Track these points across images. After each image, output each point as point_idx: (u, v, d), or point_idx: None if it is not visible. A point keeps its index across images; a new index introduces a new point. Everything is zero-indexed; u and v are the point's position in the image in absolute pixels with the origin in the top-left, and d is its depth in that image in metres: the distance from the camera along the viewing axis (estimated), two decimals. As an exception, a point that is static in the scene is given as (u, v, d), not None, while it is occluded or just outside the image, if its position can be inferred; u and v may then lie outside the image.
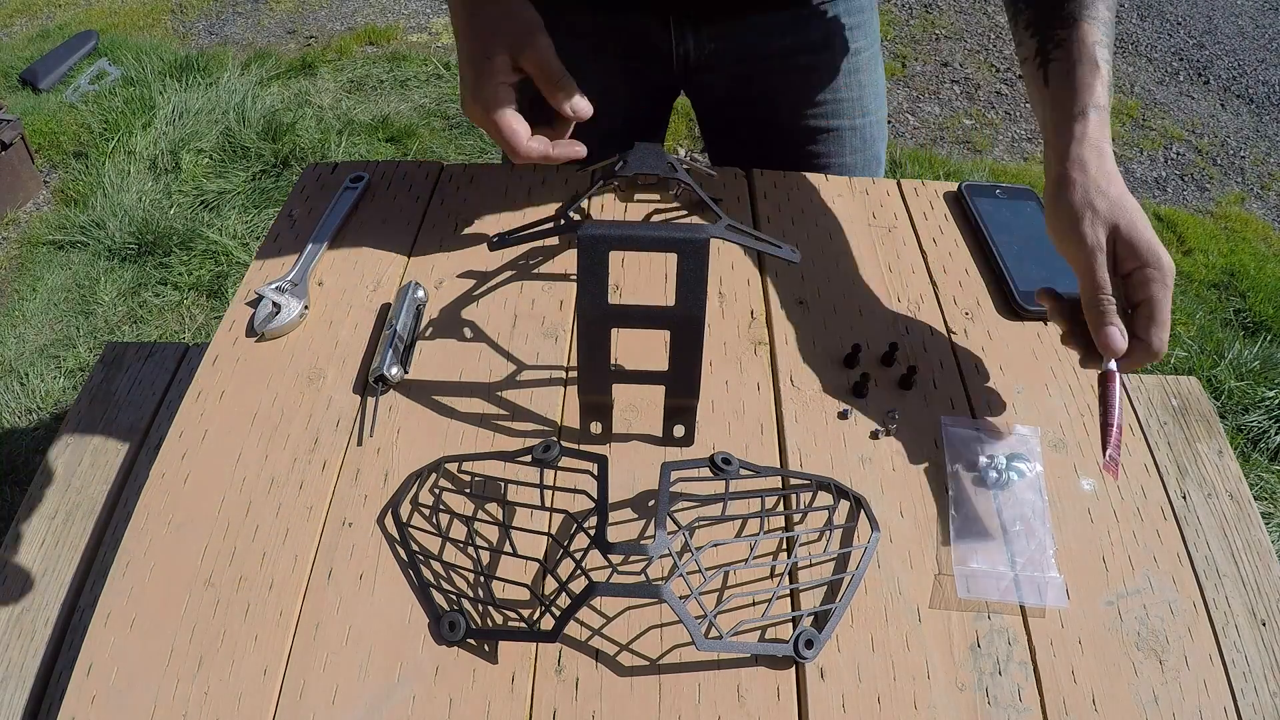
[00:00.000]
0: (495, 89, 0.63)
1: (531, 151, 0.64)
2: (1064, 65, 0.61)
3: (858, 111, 0.89)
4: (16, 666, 0.72)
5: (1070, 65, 0.60)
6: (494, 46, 0.63)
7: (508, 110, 0.63)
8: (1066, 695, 0.49)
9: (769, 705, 0.48)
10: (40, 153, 2.31)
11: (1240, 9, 3.19)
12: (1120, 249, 0.56)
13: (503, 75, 0.63)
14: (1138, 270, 0.55)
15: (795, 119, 0.89)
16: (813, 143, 0.90)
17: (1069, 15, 0.61)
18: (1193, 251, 2.22)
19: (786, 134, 0.90)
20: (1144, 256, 0.55)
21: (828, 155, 0.90)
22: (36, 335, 1.90)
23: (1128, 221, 0.55)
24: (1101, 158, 0.58)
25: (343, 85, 2.62)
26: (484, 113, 0.63)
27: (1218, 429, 0.66)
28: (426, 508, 0.56)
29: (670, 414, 0.59)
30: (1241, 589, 0.56)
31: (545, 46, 0.64)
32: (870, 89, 0.90)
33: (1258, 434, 1.75)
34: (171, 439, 0.59)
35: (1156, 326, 0.55)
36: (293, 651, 0.49)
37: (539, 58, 0.64)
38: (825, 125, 0.89)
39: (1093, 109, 0.59)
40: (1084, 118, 0.58)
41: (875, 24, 0.89)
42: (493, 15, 0.65)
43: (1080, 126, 0.58)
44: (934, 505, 0.57)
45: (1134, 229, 0.55)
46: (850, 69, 0.87)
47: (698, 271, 0.53)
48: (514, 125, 0.63)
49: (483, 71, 0.63)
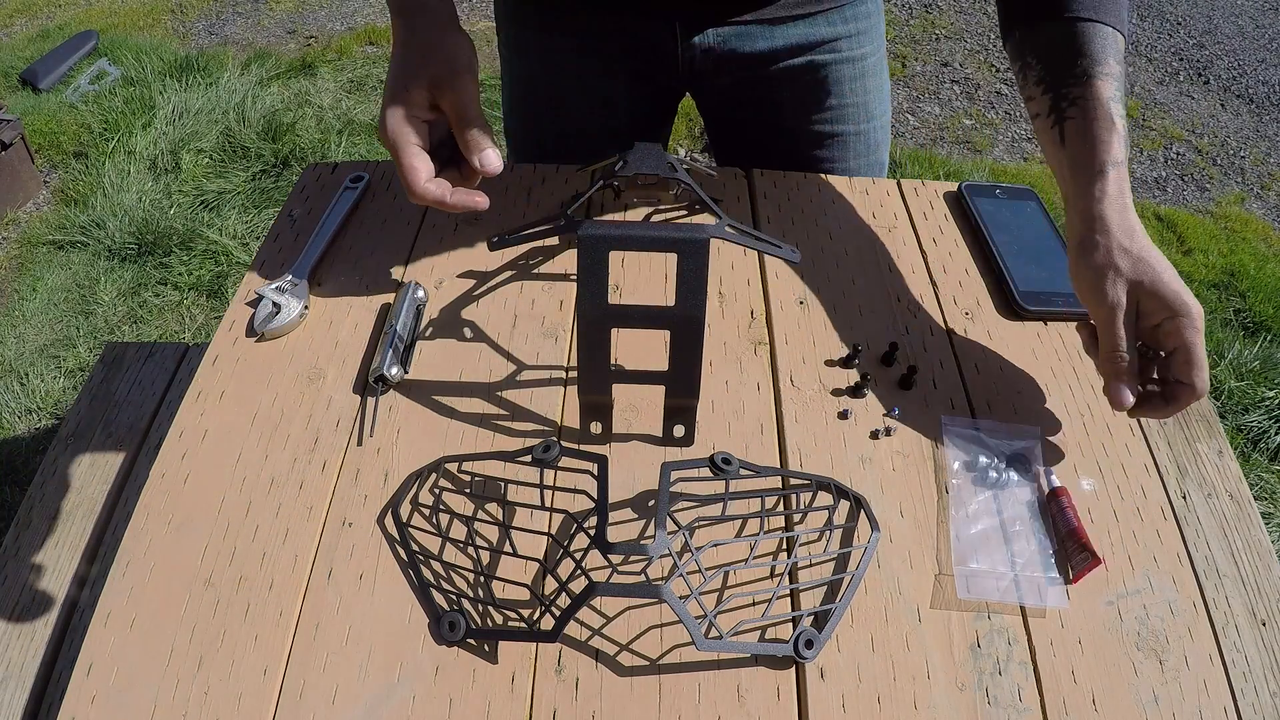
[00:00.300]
0: (404, 121, 0.62)
1: (428, 193, 0.61)
2: (1080, 124, 0.61)
3: (863, 117, 0.89)
4: (16, 666, 0.72)
5: (1087, 124, 0.61)
6: (416, 79, 0.62)
7: (411, 146, 0.62)
8: (1066, 695, 0.49)
9: (769, 705, 0.48)
10: (40, 153, 2.31)
11: (1240, 9, 3.19)
12: (1146, 304, 0.58)
13: (417, 109, 0.62)
14: (1168, 320, 0.57)
15: (800, 123, 0.89)
16: (818, 147, 0.90)
17: (1082, 72, 0.62)
18: (1193, 251, 2.22)
19: (791, 138, 0.90)
20: (1173, 307, 0.56)
21: (832, 160, 0.90)
22: (36, 335, 1.90)
23: (1151, 277, 0.57)
24: (1123, 214, 0.59)
25: (343, 85, 2.62)
26: (390, 143, 0.62)
27: (1218, 429, 0.66)
28: (426, 508, 0.56)
29: (670, 414, 0.59)
30: (1241, 589, 0.56)
31: (467, 90, 0.62)
32: (875, 94, 0.90)
33: (1258, 434, 1.75)
34: (171, 439, 0.59)
35: (1195, 369, 0.57)
36: (293, 651, 0.49)
37: (457, 101, 0.62)
38: (830, 130, 0.89)
39: (1111, 166, 0.59)
40: (1103, 176, 0.59)
41: (881, 29, 0.89)
42: (424, 47, 0.63)
43: (1100, 186, 0.59)
44: (934, 505, 0.57)
45: (1158, 283, 0.57)
46: (856, 74, 0.87)
47: (698, 271, 0.53)
48: (414, 162, 0.61)
49: (398, 101, 0.62)
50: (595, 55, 0.87)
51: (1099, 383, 0.65)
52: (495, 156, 0.63)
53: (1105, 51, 0.62)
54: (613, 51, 0.86)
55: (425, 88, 0.62)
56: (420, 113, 0.62)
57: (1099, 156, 0.60)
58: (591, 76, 0.89)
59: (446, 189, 0.62)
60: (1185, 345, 0.56)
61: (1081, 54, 0.62)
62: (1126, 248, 0.58)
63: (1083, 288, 0.60)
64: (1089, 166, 0.60)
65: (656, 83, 0.89)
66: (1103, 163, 0.60)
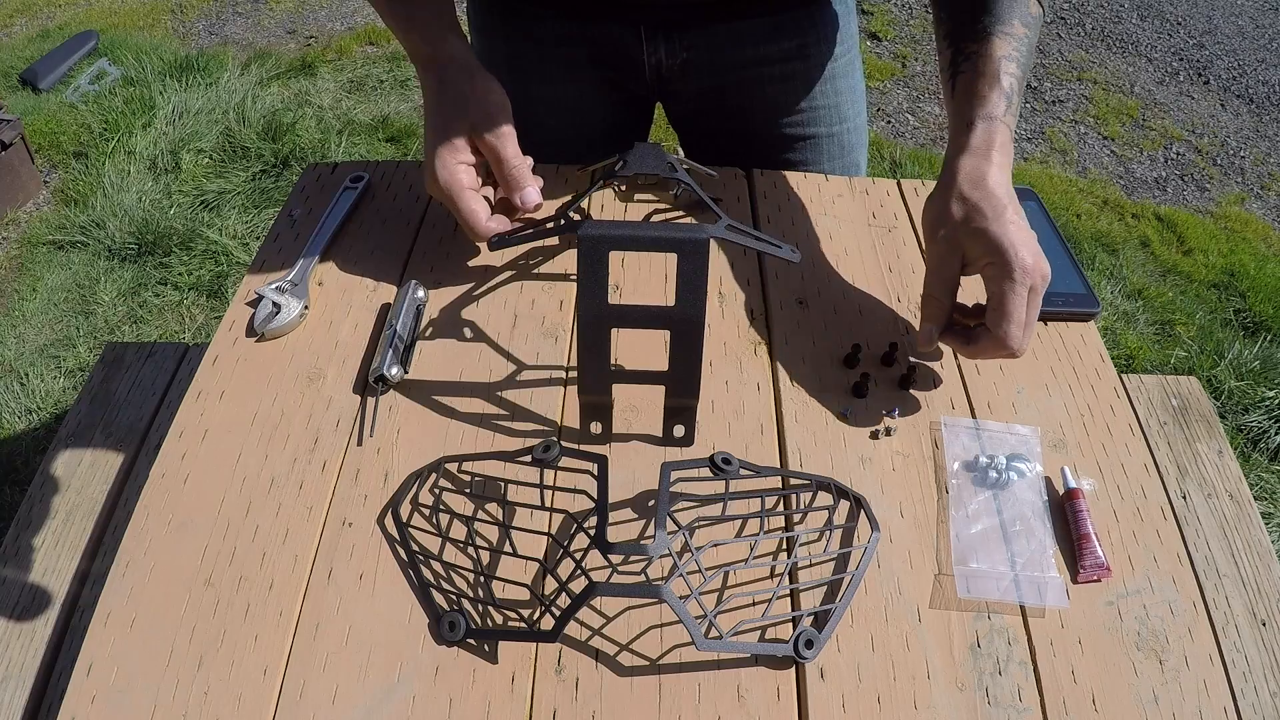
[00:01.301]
0: (454, 169, 0.64)
1: (490, 231, 0.66)
2: (968, 78, 0.63)
3: (835, 119, 0.89)
4: (16, 666, 0.72)
5: (973, 79, 0.62)
6: (455, 128, 0.65)
7: (466, 192, 0.65)
8: (1066, 695, 0.49)
9: (769, 705, 0.48)
10: (40, 153, 2.31)
11: (1240, 9, 3.19)
12: (971, 249, 0.59)
13: (463, 155, 0.65)
14: (986, 266, 0.58)
15: (771, 128, 0.89)
16: (790, 151, 0.90)
17: (982, 30, 0.63)
18: (1193, 251, 2.22)
19: (763, 143, 0.90)
20: (990, 253, 0.57)
21: (805, 163, 0.90)
22: (36, 335, 1.90)
23: (979, 223, 0.58)
24: (979, 164, 0.60)
25: (343, 85, 2.62)
26: (444, 193, 0.65)
27: (1218, 429, 0.66)
28: (426, 508, 0.56)
29: (670, 414, 0.59)
30: (1241, 589, 0.56)
31: (505, 133, 0.65)
32: (847, 96, 0.89)
33: (1258, 434, 1.75)
34: (171, 439, 0.59)
35: (999, 318, 0.57)
36: (293, 651, 0.49)
37: (495, 145, 0.65)
38: (802, 133, 0.89)
39: (981, 120, 0.61)
40: (971, 129, 0.61)
41: (853, 29, 0.89)
42: (458, 96, 0.66)
43: (965, 138, 0.61)
44: (934, 505, 0.57)
45: (983, 229, 0.58)
46: (826, 76, 0.87)
47: (698, 271, 0.53)
48: (473, 206, 0.65)
49: (444, 150, 0.64)
50: (560, 62, 0.87)
51: (1099, 383, 0.65)
52: (535, 193, 0.67)
53: (1011, 13, 0.63)
54: (578, 59, 0.86)
55: (466, 135, 0.65)
56: (465, 158, 0.65)
57: (973, 110, 0.61)
58: (558, 84, 0.88)
59: (506, 223, 0.67)
60: (994, 293, 0.57)
61: (987, 11, 0.64)
62: (966, 195, 0.59)
63: (924, 232, 0.63)
64: (961, 118, 0.62)
65: (625, 89, 0.89)
66: (973, 116, 0.61)
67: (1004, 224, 0.57)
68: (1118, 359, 1.89)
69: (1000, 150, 0.60)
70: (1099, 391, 0.65)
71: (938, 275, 0.61)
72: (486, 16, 0.88)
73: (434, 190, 0.66)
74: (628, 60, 0.85)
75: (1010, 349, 0.57)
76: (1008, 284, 0.56)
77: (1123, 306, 2.05)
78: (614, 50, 0.85)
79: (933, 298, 0.61)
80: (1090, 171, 2.49)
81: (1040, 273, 0.57)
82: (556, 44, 0.85)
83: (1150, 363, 1.90)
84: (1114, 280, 2.11)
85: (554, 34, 0.85)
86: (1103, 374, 0.66)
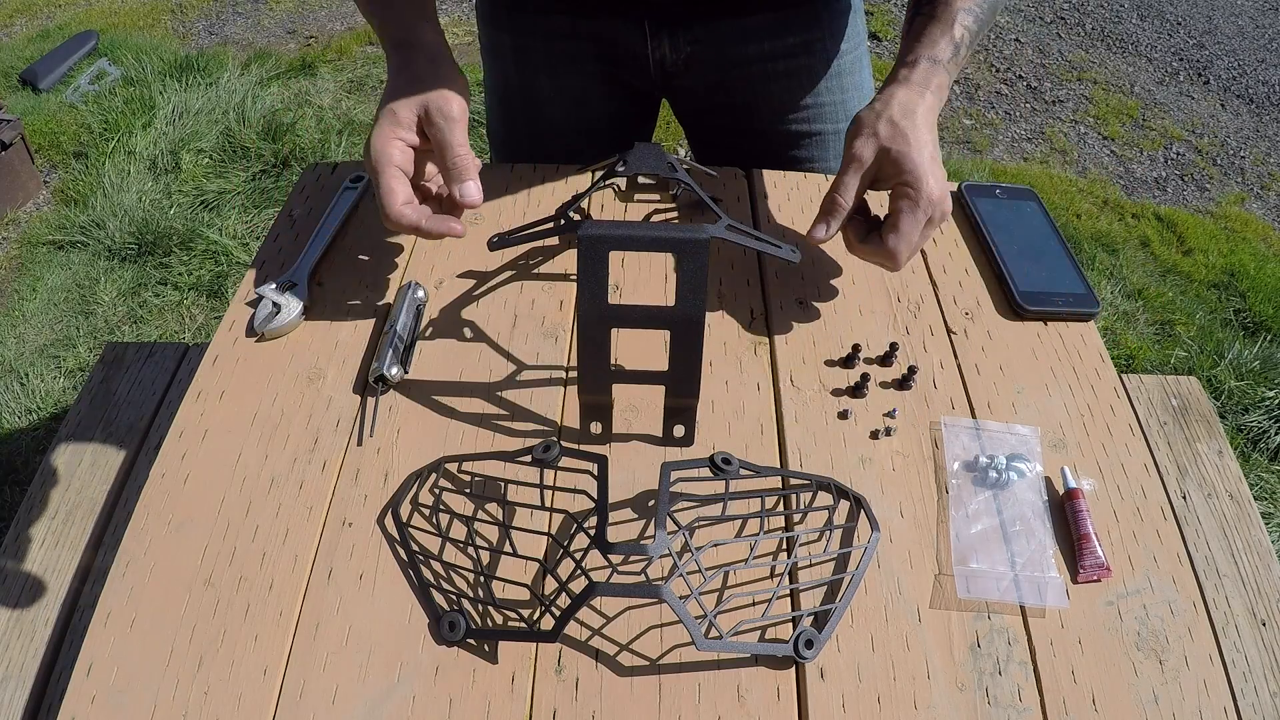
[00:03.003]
0: (389, 141, 0.61)
1: (403, 217, 0.60)
2: (923, 21, 0.66)
3: (841, 116, 0.89)
4: (16, 666, 0.72)
5: (927, 22, 0.65)
6: (406, 105, 0.62)
7: (391, 167, 0.61)
8: (1066, 695, 0.49)
9: (769, 705, 0.48)
10: (40, 153, 2.31)
11: (1240, 9, 3.19)
12: (886, 168, 0.62)
13: (403, 133, 0.62)
14: (897, 186, 0.61)
15: (776, 123, 0.88)
16: (795, 147, 0.89)
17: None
18: (1193, 251, 2.22)
19: (768, 139, 0.89)
20: (903, 177, 0.60)
21: (811, 160, 0.90)
22: (36, 335, 1.90)
23: (900, 147, 0.61)
24: (912, 96, 0.63)
25: (343, 85, 2.62)
26: (371, 164, 0.61)
27: (1218, 429, 0.66)
28: (426, 508, 0.56)
29: (670, 414, 0.59)
30: (1241, 589, 0.56)
31: (456, 120, 0.62)
32: (854, 93, 0.89)
33: (1258, 434, 1.75)
34: (171, 439, 0.59)
35: (892, 233, 0.61)
36: (293, 651, 0.49)
37: (444, 129, 0.62)
38: (807, 130, 0.89)
39: (925, 59, 0.64)
40: (914, 65, 0.64)
41: (860, 26, 0.88)
42: (417, 75, 0.63)
43: (906, 71, 0.64)
44: (934, 505, 0.57)
45: (904, 155, 0.61)
46: (832, 73, 0.87)
47: (698, 271, 0.53)
48: (392, 184, 0.60)
49: (386, 123, 0.61)
50: (566, 56, 0.87)
51: (1099, 383, 0.65)
52: (476, 190, 0.62)
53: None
54: (584, 53, 0.86)
55: (414, 112, 0.62)
56: (407, 135, 0.62)
57: (920, 50, 0.64)
58: (564, 78, 0.88)
59: (424, 214, 0.61)
60: (896, 209, 0.61)
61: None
62: (894, 119, 0.62)
63: (846, 142, 0.64)
64: (908, 55, 0.65)
65: (629, 84, 0.89)
66: (919, 55, 0.64)
67: (922, 154, 0.60)
68: (1118, 359, 1.89)
69: (935, 91, 0.63)
70: (1099, 391, 0.65)
71: (848, 181, 0.63)
72: (494, 8, 0.89)
73: (365, 160, 0.62)
74: (632, 55, 0.85)
75: (894, 262, 0.62)
76: (910, 205, 0.60)
77: (1123, 306, 2.05)
78: (619, 45, 0.85)
79: (836, 200, 0.64)
80: (1090, 171, 2.49)
81: (941, 208, 0.61)
82: (562, 38, 0.85)
83: (1150, 363, 1.90)
84: (1114, 280, 2.11)
85: (559, 28, 0.85)
86: (1103, 374, 0.66)
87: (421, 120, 0.62)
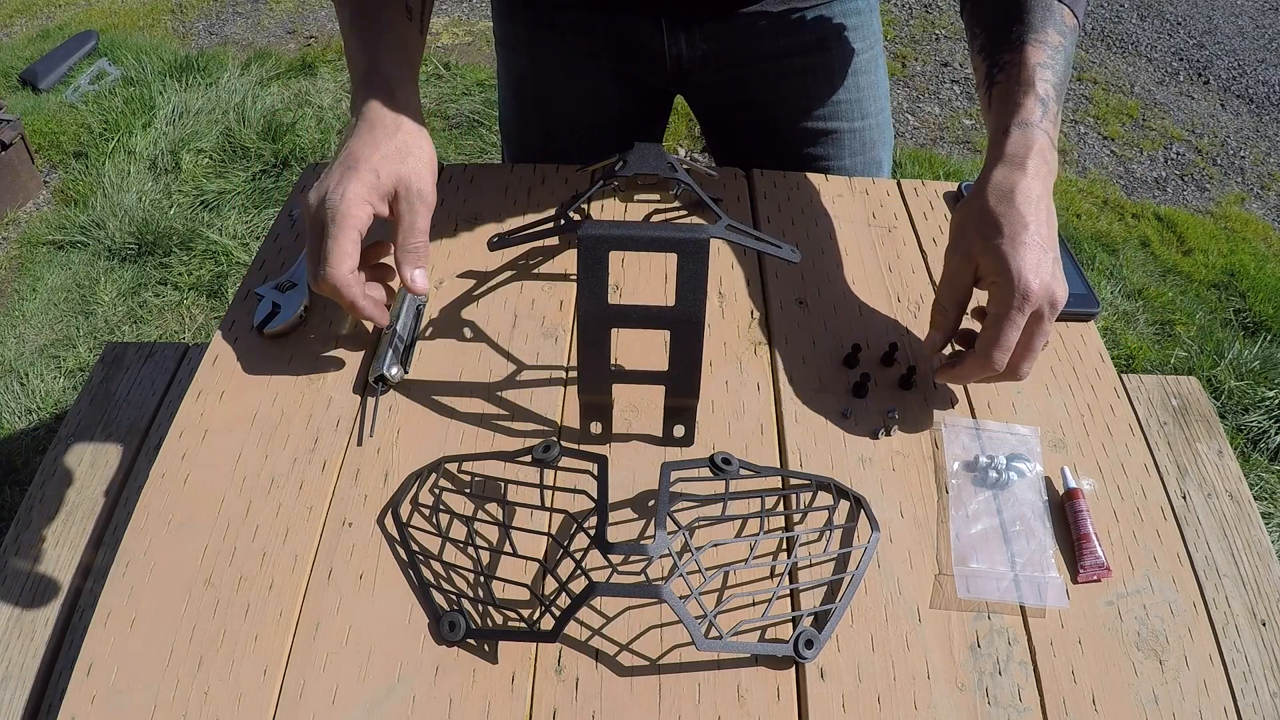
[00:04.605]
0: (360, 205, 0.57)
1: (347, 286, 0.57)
2: (1003, 88, 0.61)
3: (856, 114, 0.89)
4: (16, 666, 0.72)
5: (1008, 87, 0.61)
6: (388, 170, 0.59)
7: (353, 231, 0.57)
8: (1066, 695, 0.49)
9: (769, 705, 0.48)
10: (40, 153, 2.31)
11: (1240, 9, 3.19)
12: (985, 265, 0.57)
13: (377, 200, 0.59)
14: (991, 285, 0.57)
15: (792, 121, 0.89)
16: (811, 145, 0.90)
17: (1016, 39, 0.62)
18: (1193, 251, 2.22)
19: (784, 136, 0.90)
20: (997, 275, 0.56)
21: (826, 158, 0.90)
22: (36, 335, 1.90)
23: (994, 242, 0.56)
24: (1011, 174, 0.58)
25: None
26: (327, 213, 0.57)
27: (1218, 429, 0.66)
28: (426, 508, 0.56)
29: (670, 414, 0.59)
30: (1241, 589, 0.56)
31: (427, 206, 0.60)
32: (869, 92, 0.89)
33: (1258, 434, 1.75)
34: (171, 439, 0.59)
35: (987, 342, 0.56)
36: (293, 651, 0.49)
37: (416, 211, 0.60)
38: (823, 128, 0.89)
39: (1017, 127, 0.59)
40: (1006, 136, 0.59)
41: (876, 26, 0.89)
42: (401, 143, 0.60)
43: (1000, 146, 0.59)
44: (934, 505, 0.57)
45: (998, 248, 0.56)
46: (848, 71, 0.87)
47: (698, 271, 0.53)
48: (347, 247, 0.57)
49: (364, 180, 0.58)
50: (582, 52, 0.87)
51: (1099, 383, 0.65)
52: (423, 279, 0.61)
53: (1045, 22, 0.62)
54: (599, 48, 0.86)
55: (393, 184, 0.59)
56: (379, 205, 0.59)
57: (1009, 117, 0.60)
58: (578, 73, 0.88)
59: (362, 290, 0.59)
60: (991, 313, 0.56)
61: (1019, 22, 0.62)
62: (990, 208, 0.57)
63: (950, 238, 0.61)
64: (998, 127, 0.60)
65: (645, 80, 0.89)
66: (1009, 124, 0.59)
67: (1018, 244, 0.55)
68: (1118, 359, 1.89)
69: (1037, 157, 0.58)
70: (1099, 391, 0.65)
71: (949, 285, 0.60)
72: (510, 3, 0.89)
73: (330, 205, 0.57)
74: (647, 52, 0.85)
75: (992, 371, 0.56)
76: (1004, 308, 0.55)
77: (1123, 306, 2.05)
78: (634, 42, 0.85)
79: (941, 307, 0.60)
80: (1090, 171, 2.49)
81: (1049, 299, 0.55)
82: (578, 33, 0.86)
83: (1150, 363, 1.90)
84: (1114, 280, 2.11)
85: (575, 24, 0.85)
86: (1103, 374, 0.66)
87: (398, 193, 0.60)
